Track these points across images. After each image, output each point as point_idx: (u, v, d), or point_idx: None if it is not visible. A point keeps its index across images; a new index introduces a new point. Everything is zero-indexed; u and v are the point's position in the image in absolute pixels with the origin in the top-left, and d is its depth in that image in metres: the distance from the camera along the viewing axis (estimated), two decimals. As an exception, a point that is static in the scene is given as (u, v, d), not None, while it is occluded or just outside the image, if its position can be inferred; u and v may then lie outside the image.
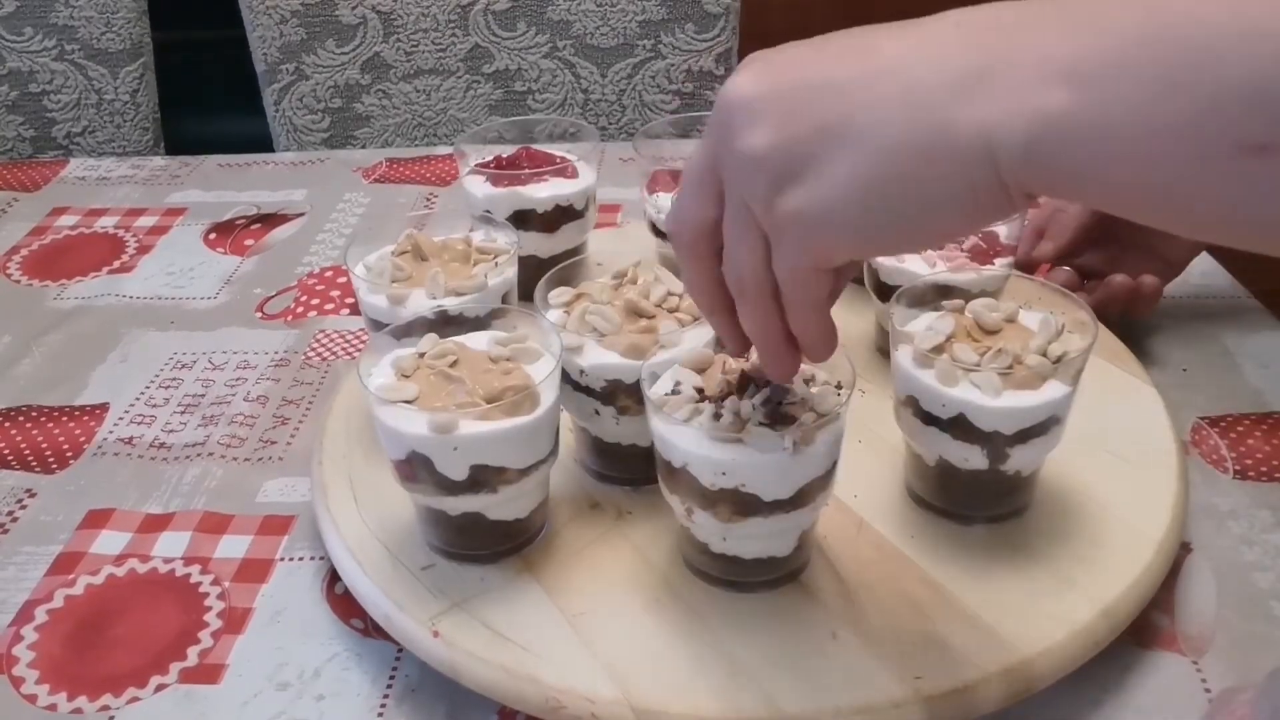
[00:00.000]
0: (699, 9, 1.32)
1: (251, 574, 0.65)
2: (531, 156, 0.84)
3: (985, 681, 0.53)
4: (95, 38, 1.32)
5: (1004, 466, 0.59)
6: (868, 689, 0.52)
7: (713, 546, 0.58)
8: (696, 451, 0.53)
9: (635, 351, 0.60)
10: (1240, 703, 0.55)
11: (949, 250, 0.72)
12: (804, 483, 0.54)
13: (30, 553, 0.67)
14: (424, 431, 0.56)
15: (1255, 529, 0.66)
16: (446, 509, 0.59)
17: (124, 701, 0.58)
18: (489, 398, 0.56)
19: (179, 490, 0.72)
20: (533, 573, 0.60)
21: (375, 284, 0.68)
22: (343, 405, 0.73)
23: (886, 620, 0.56)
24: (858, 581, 0.59)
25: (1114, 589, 0.57)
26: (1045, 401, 0.57)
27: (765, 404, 0.54)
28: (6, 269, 1.00)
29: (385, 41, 1.33)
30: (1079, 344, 0.59)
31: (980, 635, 0.55)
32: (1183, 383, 0.78)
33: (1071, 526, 0.62)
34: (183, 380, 0.84)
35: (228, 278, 0.97)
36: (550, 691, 0.53)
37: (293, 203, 1.10)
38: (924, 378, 0.58)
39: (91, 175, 1.17)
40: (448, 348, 0.59)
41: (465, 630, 0.56)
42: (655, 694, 0.52)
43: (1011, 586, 0.58)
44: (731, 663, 0.54)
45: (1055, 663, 0.54)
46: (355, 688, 0.58)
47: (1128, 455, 0.66)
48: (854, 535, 0.62)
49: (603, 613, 0.57)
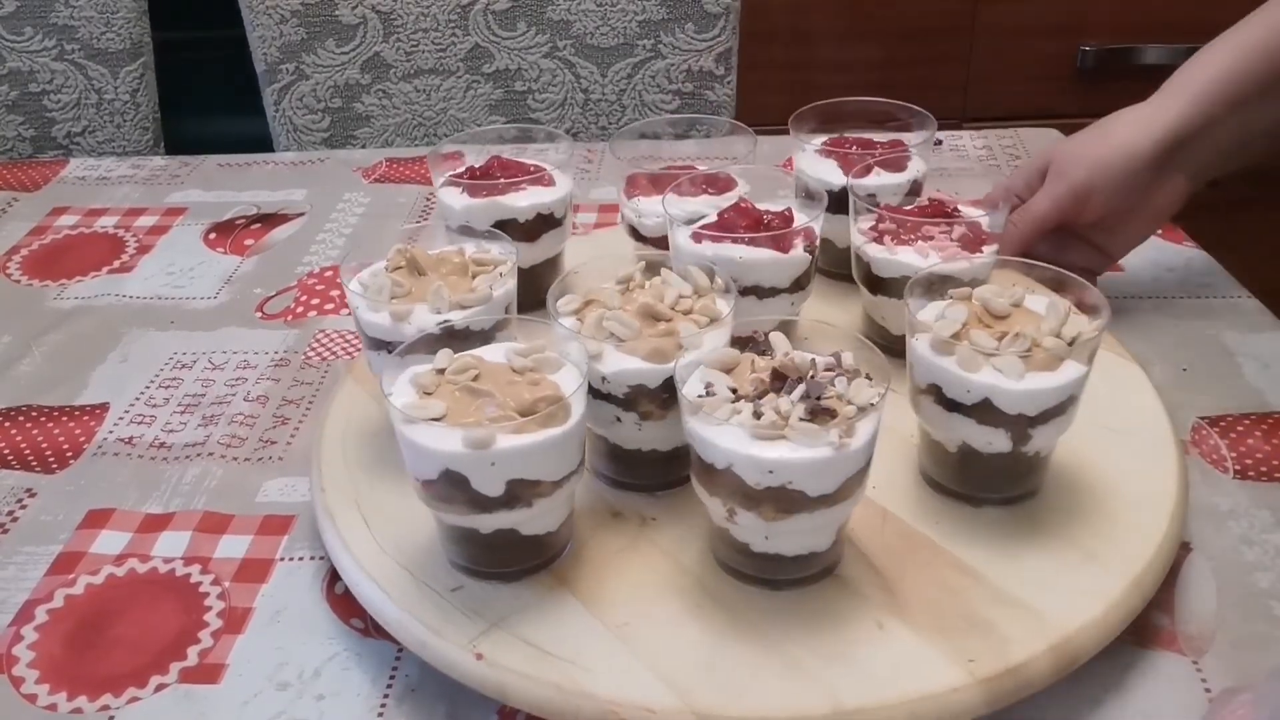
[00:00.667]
0: (699, 9, 1.32)
1: (251, 574, 0.65)
2: (504, 166, 0.83)
3: (1035, 660, 0.54)
4: (95, 38, 1.32)
5: (1025, 448, 0.60)
6: (924, 677, 0.53)
7: (754, 546, 0.57)
8: (741, 451, 0.53)
9: (659, 356, 0.60)
10: (1240, 703, 0.55)
11: (939, 240, 0.73)
12: (847, 476, 0.55)
13: (30, 553, 0.67)
14: (459, 449, 0.54)
15: (1255, 529, 0.66)
16: (479, 527, 0.58)
17: (124, 701, 0.58)
18: (522, 410, 0.55)
19: (179, 490, 0.72)
20: (566, 586, 0.59)
21: (375, 301, 0.66)
22: (339, 417, 0.72)
23: (928, 607, 0.57)
24: (893, 572, 0.59)
25: (1141, 558, 0.58)
26: (1065, 382, 0.59)
27: (804, 400, 0.54)
28: (6, 269, 1.00)
29: (385, 41, 1.33)
30: (1086, 324, 0.60)
31: (1023, 615, 0.56)
32: (1183, 383, 0.78)
33: (1083, 504, 0.63)
34: (183, 380, 0.84)
35: (228, 278, 0.97)
36: (607, 705, 0.52)
37: (293, 203, 1.10)
38: (946, 365, 0.59)
39: (91, 175, 1.17)
40: (468, 361, 0.58)
41: (508, 649, 0.55)
42: (715, 698, 0.52)
43: (1041, 565, 0.59)
44: (785, 660, 0.54)
45: (1096, 636, 0.55)
46: (355, 688, 0.58)
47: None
48: (880, 526, 0.62)
49: (645, 621, 0.57)
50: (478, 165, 0.84)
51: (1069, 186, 0.80)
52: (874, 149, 0.85)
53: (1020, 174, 0.86)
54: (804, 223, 0.72)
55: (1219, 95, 0.78)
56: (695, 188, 0.79)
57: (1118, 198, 0.79)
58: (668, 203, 0.76)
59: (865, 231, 0.75)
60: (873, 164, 0.81)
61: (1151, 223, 0.83)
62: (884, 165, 0.81)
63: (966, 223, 0.73)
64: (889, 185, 0.81)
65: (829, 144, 0.86)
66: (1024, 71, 1.80)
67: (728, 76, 1.36)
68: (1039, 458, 0.63)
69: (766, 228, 0.71)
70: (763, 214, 0.72)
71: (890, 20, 1.75)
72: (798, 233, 0.71)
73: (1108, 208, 0.80)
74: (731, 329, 0.62)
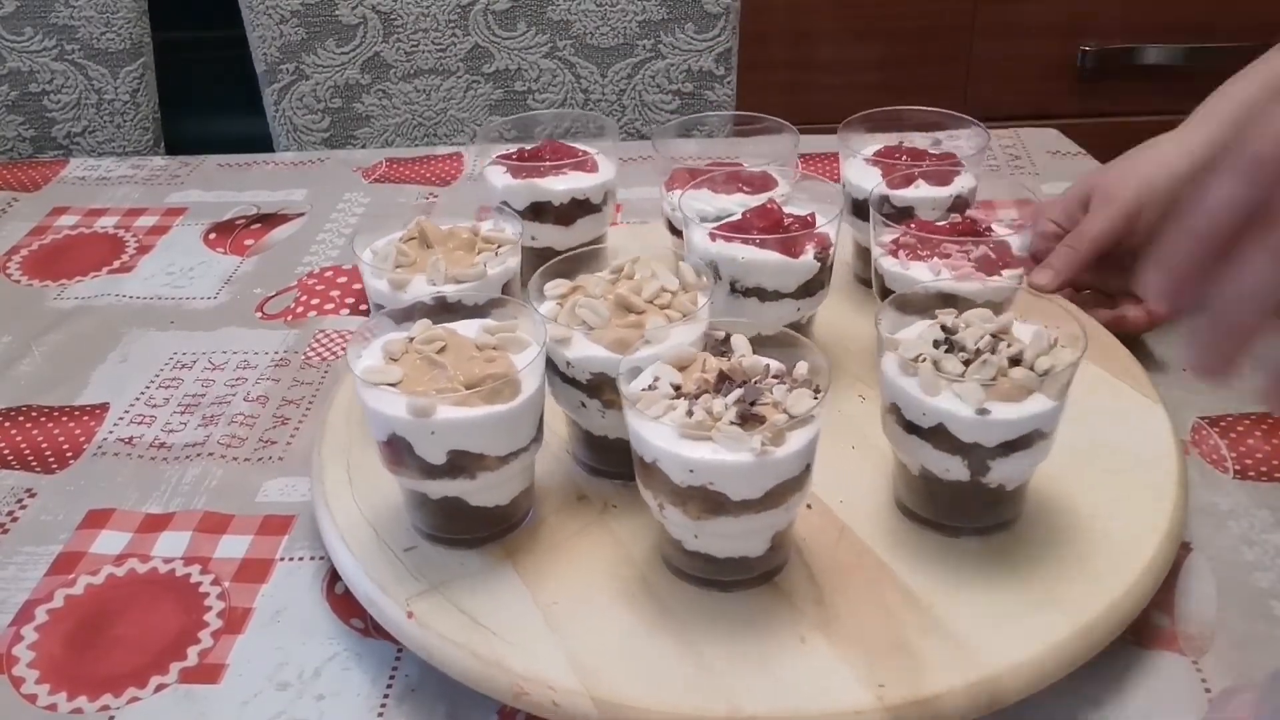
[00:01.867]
0: (699, 9, 1.32)
1: (251, 574, 0.65)
2: (555, 149, 0.84)
3: (950, 694, 0.52)
4: (95, 38, 1.32)
5: (986, 479, 0.58)
6: (829, 695, 0.52)
7: (686, 544, 0.58)
8: (665, 448, 0.54)
9: (621, 346, 0.60)
10: (1240, 703, 0.55)
11: (956, 259, 0.71)
12: (773, 484, 0.54)
13: (30, 553, 0.67)
14: (403, 414, 0.57)
15: (1255, 529, 0.66)
16: (428, 492, 0.60)
17: (124, 701, 0.58)
18: (469, 384, 0.57)
19: (179, 490, 0.72)
20: (512, 560, 0.61)
21: (379, 268, 0.70)
22: (345, 397, 0.74)
23: (857, 627, 0.56)
24: (833, 587, 0.59)
25: (1097, 606, 0.56)
26: (1028, 415, 0.56)
27: (738, 404, 0.54)
28: (6, 269, 1.00)
29: (385, 41, 1.33)
30: (1068, 358, 0.58)
31: (952, 648, 0.54)
32: (1183, 383, 0.78)
33: (1059, 542, 0.61)
34: (183, 380, 0.84)
35: (228, 278, 0.97)
36: (515, 678, 0.54)
37: (293, 203, 1.10)
38: (906, 385, 0.58)
39: (91, 175, 1.17)
40: (437, 333, 0.60)
41: (439, 613, 0.57)
42: (617, 687, 0.53)
43: (989, 600, 0.57)
44: (697, 660, 0.54)
45: (1025, 679, 0.53)
46: (355, 688, 0.58)
47: (1126, 459, 0.66)
48: (835, 541, 0.62)
49: (576, 604, 0.58)
50: (529, 147, 0.86)
51: (1120, 208, 0.79)
52: (925, 160, 0.83)
53: (1058, 205, 0.85)
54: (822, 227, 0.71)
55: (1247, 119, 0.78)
56: (730, 185, 0.78)
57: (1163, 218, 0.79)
58: (684, 199, 0.76)
59: (885, 244, 0.74)
60: (916, 175, 0.79)
61: None
62: (927, 178, 0.79)
63: (992, 244, 0.71)
64: (928, 198, 0.79)
65: (879, 153, 0.84)
66: (1024, 71, 1.80)
67: (728, 76, 1.36)
68: (1004, 490, 0.60)
69: (785, 231, 0.70)
70: (784, 216, 0.71)
71: (890, 20, 1.75)
72: (808, 238, 0.70)
73: (1152, 229, 0.80)
74: (706, 327, 0.62)
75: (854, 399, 0.73)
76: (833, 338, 0.78)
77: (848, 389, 0.74)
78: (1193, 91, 0.85)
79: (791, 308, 0.71)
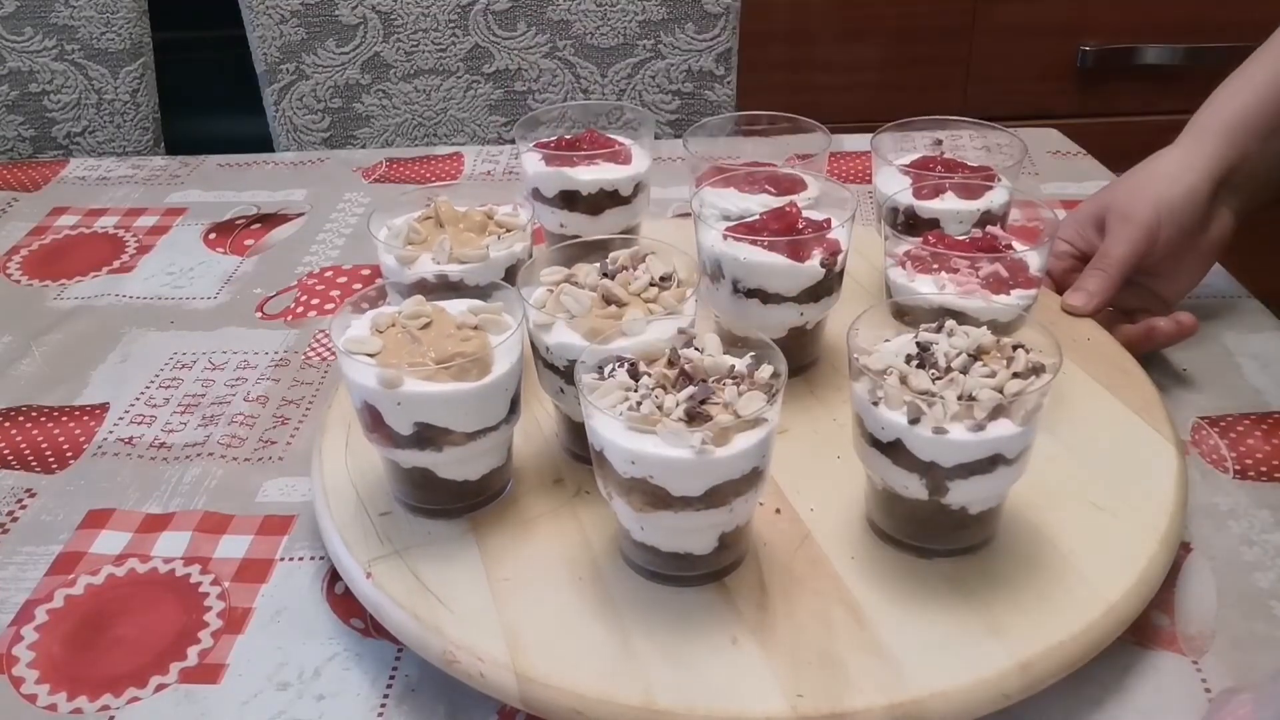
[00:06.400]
0: (699, 9, 1.32)
1: (251, 574, 0.65)
2: (594, 140, 0.84)
3: (868, 712, 0.52)
4: (95, 38, 1.32)
5: (946, 500, 0.57)
6: (744, 699, 0.52)
7: (634, 535, 0.59)
8: (611, 438, 0.54)
9: (594, 335, 0.61)
10: (1240, 703, 0.55)
11: (963, 275, 0.70)
12: (716, 483, 0.54)
13: (30, 553, 0.68)
14: (372, 384, 0.59)
15: (1255, 529, 0.66)
16: (399, 461, 0.62)
17: (124, 701, 0.58)
18: (440, 360, 0.59)
19: (179, 490, 0.72)
20: (476, 534, 0.63)
21: (389, 244, 0.72)
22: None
23: (791, 635, 0.56)
24: (779, 592, 0.58)
25: (1040, 644, 0.54)
26: (988, 439, 0.55)
27: (688, 400, 0.54)
28: (6, 269, 1.00)
29: (385, 41, 1.33)
30: (1038, 384, 0.56)
31: (882, 667, 0.54)
32: (1183, 383, 0.78)
33: (1025, 572, 0.59)
34: (183, 380, 0.84)
35: (228, 278, 0.97)
36: (449, 644, 0.55)
37: (293, 203, 1.10)
38: (869, 399, 0.58)
39: (91, 175, 1.17)
40: (423, 310, 0.62)
41: (395, 577, 0.59)
42: (541, 665, 0.54)
43: (933, 624, 0.56)
44: (626, 649, 0.55)
45: (951, 707, 0.52)
46: (355, 688, 0.58)
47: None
48: (795, 548, 0.61)
49: (524, 583, 0.59)
50: (569, 136, 0.86)
51: (1141, 227, 0.79)
52: (960, 171, 0.81)
53: (1069, 225, 0.85)
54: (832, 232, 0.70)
55: (1249, 128, 0.80)
56: (756, 185, 0.78)
57: (1181, 235, 0.79)
58: (707, 196, 0.76)
59: (896, 255, 0.73)
60: (945, 187, 0.78)
61: (1204, 262, 0.83)
62: (956, 190, 0.78)
63: (1007, 262, 0.69)
64: (953, 211, 0.77)
65: (914, 163, 0.83)
66: (1024, 71, 1.80)
67: (728, 76, 1.36)
68: (967, 513, 0.59)
69: (799, 234, 0.70)
70: (800, 220, 0.71)
71: (890, 20, 1.75)
72: (816, 242, 0.69)
73: (1170, 246, 0.80)
74: (689, 323, 0.62)
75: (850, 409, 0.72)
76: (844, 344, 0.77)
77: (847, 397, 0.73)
78: (1193, 91, 0.85)
79: (794, 312, 0.71)
